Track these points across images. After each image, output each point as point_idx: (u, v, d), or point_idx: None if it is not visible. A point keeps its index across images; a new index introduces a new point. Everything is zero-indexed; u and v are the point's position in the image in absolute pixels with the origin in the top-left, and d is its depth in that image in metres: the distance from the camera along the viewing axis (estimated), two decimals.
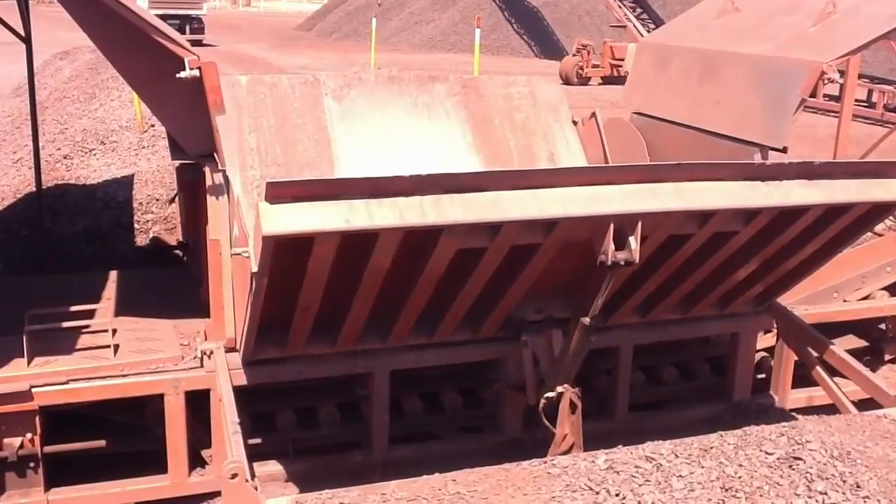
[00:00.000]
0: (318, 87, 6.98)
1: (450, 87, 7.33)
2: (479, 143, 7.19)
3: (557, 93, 7.81)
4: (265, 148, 6.55)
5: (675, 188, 4.52)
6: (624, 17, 39.52)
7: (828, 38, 5.82)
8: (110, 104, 16.93)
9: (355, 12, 57.84)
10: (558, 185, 4.36)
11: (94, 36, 6.09)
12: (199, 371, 5.49)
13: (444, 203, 4.16)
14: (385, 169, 6.70)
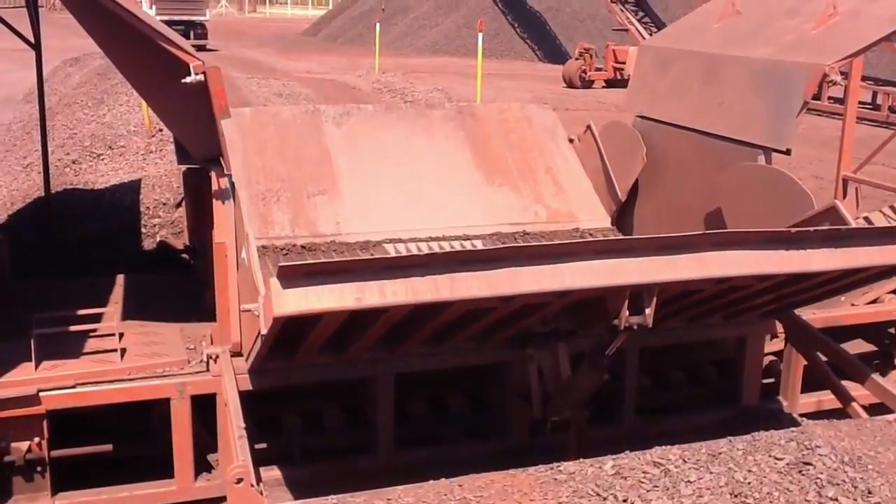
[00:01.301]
0: (318, 115, 7.25)
1: (446, 113, 7.61)
2: (478, 160, 7.35)
3: (551, 117, 7.96)
4: (270, 166, 6.75)
5: (694, 258, 4.51)
6: (626, 20, 39.56)
7: (830, 41, 5.82)
8: (118, 109, 17.02)
9: (360, 17, 57.90)
10: (575, 257, 4.34)
11: (101, 42, 6.13)
12: (205, 375, 5.50)
13: (459, 280, 4.16)
14: (385, 186, 6.95)
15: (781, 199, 5.56)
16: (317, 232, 6.73)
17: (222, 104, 4.88)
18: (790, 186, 5.54)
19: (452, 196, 7.20)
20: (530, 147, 7.54)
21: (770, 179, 5.71)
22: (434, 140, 7.39)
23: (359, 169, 7.04)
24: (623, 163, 7.31)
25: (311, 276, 3.94)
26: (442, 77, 30.40)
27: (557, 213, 7.40)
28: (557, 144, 7.69)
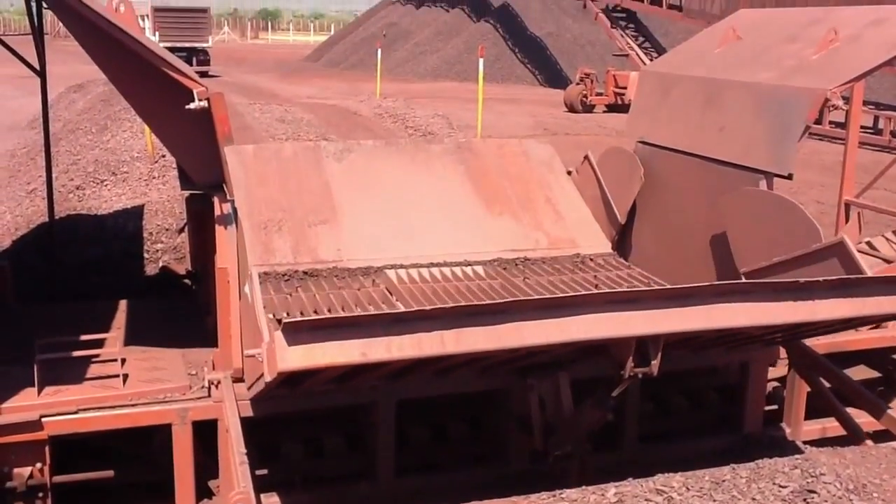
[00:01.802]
0: (319, 151, 7.36)
1: (445, 148, 7.73)
2: (478, 191, 7.42)
3: (549, 151, 8.05)
4: (271, 198, 6.80)
5: (701, 309, 4.50)
6: (626, 45, 39.78)
7: (831, 66, 5.84)
8: (122, 135, 17.11)
9: (362, 43, 58.25)
10: (582, 309, 4.34)
11: (105, 68, 6.17)
12: (206, 401, 5.50)
13: (465, 334, 4.17)
14: (386, 215, 7.00)
15: (788, 229, 5.54)
16: (318, 258, 6.75)
17: (226, 130, 4.91)
18: (798, 217, 5.52)
19: (453, 224, 7.24)
20: (529, 179, 7.61)
21: (777, 208, 5.69)
22: (433, 173, 7.48)
23: (359, 200, 7.13)
24: (622, 186, 7.36)
25: (315, 332, 3.94)
26: (443, 102, 30.52)
27: (558, 240, 7.42)
28: (556, 176, 7.76)
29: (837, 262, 5.20)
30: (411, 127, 22.66)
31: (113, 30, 4.58)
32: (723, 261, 6.22)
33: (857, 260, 5.14)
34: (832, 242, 5.28)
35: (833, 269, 5.21)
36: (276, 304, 6.18)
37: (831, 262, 5.23)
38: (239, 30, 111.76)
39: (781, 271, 5.56)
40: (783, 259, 5.51)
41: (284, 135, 19.79)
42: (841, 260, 5.18)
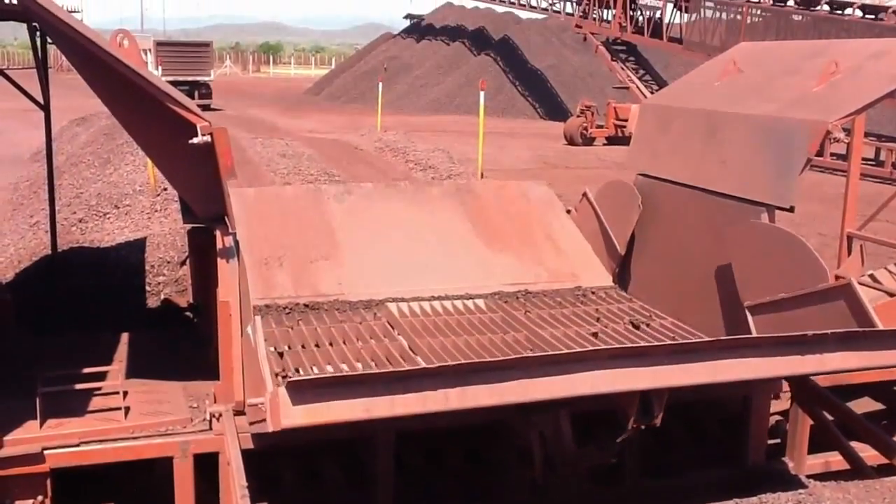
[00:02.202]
0: (320, 193, 7.55)
1: (445, 189, 7.93)
2: (478, 229, 7.53)
3: (548, 192, 8.19)
4: (272, 236, 6.94)
5: (708, 364, 4.50)
6: (627, 78, 40.01)
7: (832, 98, 5.85)
8: (124, 169, 17.19)
9: (362, 77, 58.56)
10: (587, 365, 4.35)
11: (109, 103, 6.21)
12: (207, 434, 5.49)
13: (469, 391, 4.18)
14: (387, 252, 7.11)
15: (794, 265, 5.51)
16: (319, 292, 6.79)
17: (228, 164, 4.92)
18: (806, 255, 5.50)
19: (453, 259, 7.30)
20: (529, 218, 7.72)
21: (785, 243, 5.66)
22: (433, 213, 7.59)
23: (360, 237, 7.19)
24: (620, 217, 7.41)
25: (319, 391, 3.97)
26: (443, 135, 30.65)
27: (559, 274, 7.45)
28: (556, 215, 7.87)
29: (844, 304, 5.16)
30: (412, 161, 22.73)
31: (117, 64, 4.60)
32: (725, 293, 6.21)
33: (865, 303, 5.09)
34: (840, 284, 5.25)
35: (839, 311, 5.18)
36: (277, 337, 6.18)
37: (838, 303, 5.19)
38: (241, 63, 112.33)
39: (786, 308, 5.54)
40: (789, 296, 5.49)
41: (286, 169, 19.86)
42: (848, 302, 5.14)
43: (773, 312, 5.67)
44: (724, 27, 35.38)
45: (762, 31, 32.88)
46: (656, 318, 6.73)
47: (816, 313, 5.34)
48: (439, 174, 20.39)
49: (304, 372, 5.64)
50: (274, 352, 5.96)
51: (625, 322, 6.66)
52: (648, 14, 40.37)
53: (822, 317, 5.29)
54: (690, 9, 37.64)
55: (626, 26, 40.85)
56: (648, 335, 6.38)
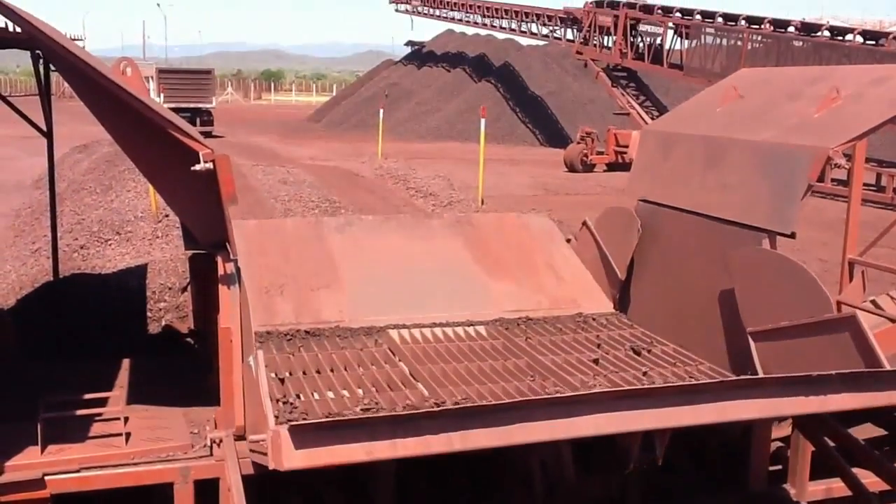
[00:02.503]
0: (320, 225, 7.66)
1: (444, 221, 8.02)
2: (478, 259, 7.59)
3: (548, 223, 8.31)
4: (273, 266, 7.02)
5: (712, 406, 4.50)
6: (627, 104, 40.18)
7: (833, 124, 5.86)
8: (126, 195, 17.26)
9: (363, 104, 58.80)
10: (591, 407, 4.31)
11: (112, 130, 6.23)
12: (208, 459, 5.48)
13: (471, 434, 4.19)
14: (388, 281, 7.16)
15: (798, 294, 5.49)
16: (320, 319, 6.81)
17: (230, 191, 4.94)
18: (810, 285, 5.46)
19: (454, 287, 7.34)
20: (529, 248, 7.78)
21: (787, 272, 5.62)
22: (433, 244, 7.66)
23: (361, 267, 7.26)
24: (620, 242, 7.44)
25: (321, 435, 3.97)
26: (444, 162, 30.73)
27: (560, 301, 7.47)
28: (556, 245, 7.93)
29: (848, 336, 5.14)
30: (412, 187, 22.80)
31: (120, 92, 4.63)
32: (726, 319, 6.20)
33: (869, 337, 5.06)
34: (844, 315, 5.24)
35: (842, 343, 5.16)
36: (278, 363, 6.18)
37: (842, 335, 5.18)
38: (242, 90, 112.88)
39: (789, 336, 5.53)
40: (792, 324, 5.49)
41: (287, 196, 19.92)
42: (852, 335, 5.13)
43: (775, 340, 5.65)
44: (724, 53, 35.58)
45: (763, 57, 33.04)
46: (657, 345, 6.72)
47: (819, 344, 5.32)
48: (440, 201, 20.43)
49: (304, 398, 5.64)
50: (275, 377, 5.96)
51: (626, 348, 6.66)
52: (649, 40, 40.58)
53: (825, 348, 5.27)
54: (691, 35, 37.85)
55: (626, 53, 41.06)
56: (649, 361, 6.37)
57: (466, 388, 5.80)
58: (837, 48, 30.70)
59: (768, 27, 34.43)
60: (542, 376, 6.04)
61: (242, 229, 6.83)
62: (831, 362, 5.23)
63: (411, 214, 8.67)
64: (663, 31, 39.51)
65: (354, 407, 5.41)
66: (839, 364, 5.16)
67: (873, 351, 5.03)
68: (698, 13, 37.96)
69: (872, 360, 5.04)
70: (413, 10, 61.95)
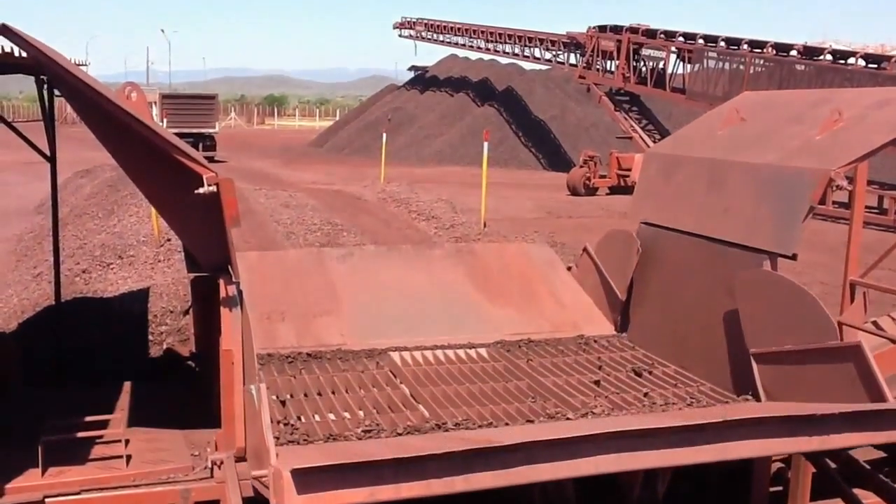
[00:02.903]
0: (322, 255, 7.78)
1: (446, 251, 8.13)
2: (480, 286, 7.67)
3: (549, 252, 8.39)
4: (275, 293, 7.11)
5: (714, 446, 4.49)
6: (630, 128, 40.32)
7: (835, 146, 5.87)
8: (128, 220, 17.31)
9: (366, 128, 59.00)
10: (595, 448, 4.32)
11: (115, 154, 6.27)
12: (209, 481, 5.47)
13: (475, 476, 4.20)
14: (389, 307, 7.23)
15: (802, 320, 5.47)
16: (322, 342, 6.84)
17: (233, 214, 4.96)
18: (815, 311, 5.43)
19: (455, 312, 7.40)
20: (530, 276, 7.85)
21: (793, 297, 5.58)
22: (434, 273, 7.73)
23: (362, 294, 7.33)
24: (620, 264, 7.49)
25: (324, 478, 3.98)
26: (447, 187, 30.80)
27: (561, 324, 7.52)
28: (557, 273, 8.00)
29: (853, 365, 5.13)
30: (414, 211, 22.84)
31: (124, 116, 4.66)
32: (727, 340, 6.19)
33: (874, 367, 5.04)
34: (849, 344, 5.21)
35: (846, 372, 5.12)
36: (279, 385, 6.19)
37: (846, 365, 5.17)
38: (246, 115, 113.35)
39: (792, 361, 5.51)
40: (796, 349, 5.48)
41: (289, 219, 19.97)
42: (856, 364, 5.12)
43: (778, 363, 5.64)
44: (726, 77, 35.70)
45: (766, 81, 33.15)
46: (659, 366, 6.72)
47: (823, 370, 5.30)
48: (442, 224, 20.46)
49: (305, 419, 5.64)
50: (276, 399, 5.96)
51: (627, 370, 6.66)
52: (651, 65, 40.74)
53: (829, 375, 5.25)
54: (693, 59, 38.00)
55: (629, 77, 41.21)
56: (650, 382, 6.37)
57: (468, 409, 5.80)
58: (840, 72, 30.81)
59: (771, 51, 34.57)
60: (542, 398, 6.04)
61: (244, 260, 6.88)
62: (834, 390, 5.22)
63: (412, 245, 8.87)
64: (666, 56, 39.67)
65: (356, 429, 5.41)
66: (842, 393, 5.16)
67: (877, 382, 5.00)
68: (701, 37, 38.13)
69: (876, 392, 5.02)
70: (417, 36, 62.30)
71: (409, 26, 63.19)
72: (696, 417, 4.47)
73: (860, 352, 5.08)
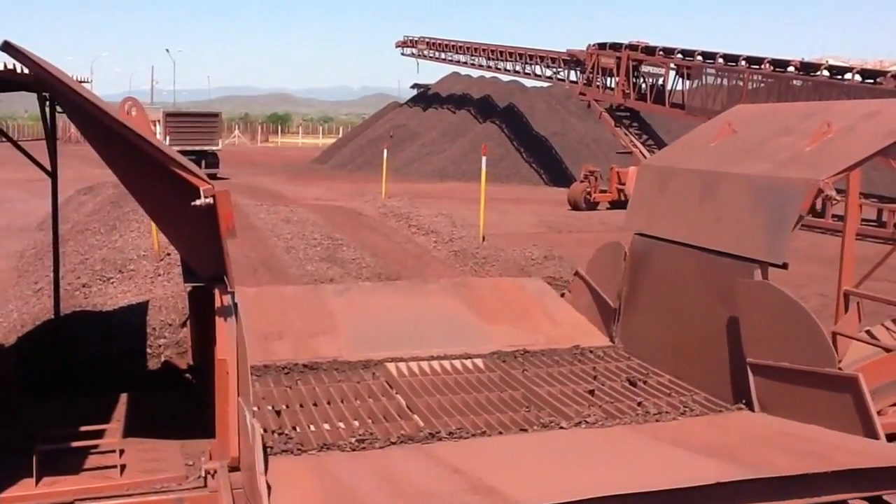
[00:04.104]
0: (320, 290, 8.09)
1: (442, 285, 8.43)
2: (476, 311, 7.87)
3: (543, 284, 8.68)
4: (273, 320, 7.33)
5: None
6: (630, 143, 40.41)
7: (824, 157, 5.93)
8: (129, 235, 17.36)
9: (368, 145, 59.09)
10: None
11: (115, 168, 6.33)
12: (202, 490, 5.48)
13: None
14: (385, 327, 7.45)
15: (801, 342, 5.47)
16: (319, 355, 6.90)
17: (229, 225, 5.01)
18: (814, 336, 5.43)
19: (452, 327, 7.58)
20: (525, 302, 8.10)
21: (796, 319, 5.56)
22: (431, 303, 8.01)
23: (359, 319, 7.54)
24: (610, 273, 7.75)
25: None
26: (448, 202, 30.83)
27: (557, 337, 7.61)
28: (551, 299, 8.28)
29: (849, 397, 5.12)
30: (414, 225, 22.87)
31: (124, 130, 4.72)
32: (722, 349, 6.23)
33: (869, 402, 5.03)
34: (848, 375, 5.20)
35: (842, 402, 5.16)
36: (275, 396, 6.23)
37: (842, 395, 5.17)
38: (250, 133, 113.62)
39: (789, 379, 5.54)
40: (794, 368, 5.49)
41: (289, 234, 20.00)
42: (853, 396, 5.12)
43: (775, 378, 5.67)
44: (725, 93, 35.79)
45: (764, 97, 33.23)
46: (654, 376, 6.76)
47: (819, 396, 5.32)
48: (441, 238, 20.48)
49: (301, 430, 5.67)
50: (272, 410, 6.00)
51: (622, 379, 6.70)
52: (651, 81, 40.86)
53: (824, 401, 5.27)
54: (692, 75, 38.12)
55: (629, 93, 41.32)
56: (645, 392, 6.41)
57: (462, 419, 5.83)
58: (837, 87, 30.88)
59: (768, 67, 34.67)
60: (537, 407, 6.08)
61: (242, 295, 7.05)
62: (828, 417, 5.27)
63: (409, 280, 9.26)
64: (665, 72, 39.77)
65: (349, 438, 5.45)
66: (836, 421, 5.21)
67: (871, 418, 5.03)
68: (699, 54, 38.24)
69: (870, 428, 5.04)
70: (419, 54, 62.47)
71: (411, 45, 63.36)
72: (687, 478, 4.45)
73: (857, 386, 5.10)
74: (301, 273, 15.01)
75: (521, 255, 17.88)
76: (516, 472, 4.94)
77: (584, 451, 5.32)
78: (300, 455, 5.32)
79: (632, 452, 5.28)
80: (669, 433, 5.57)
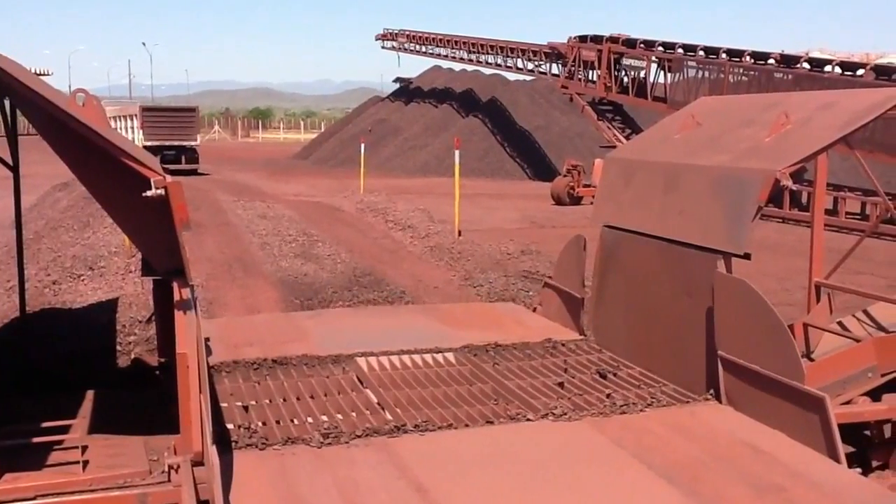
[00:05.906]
0: (291, 317, 8.26)
1: (413, 308, 8.84)
2: (448, 324, 8.07)
3: (516, 306, 9.00)
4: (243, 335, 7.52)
5: None
6: (614, 137, 40.49)
7: (782, 148, 5.98)
8: (102, 231, 17.27)
9: (350, 140, 59.02)
10: None
11: (69, 163, 6.27)
12: (166, 486, 5.44)
13: None
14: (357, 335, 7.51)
15: (770, 350, 5.48)
16: (288, 352, 6.89)
17: (183, 218, 4.96)
18: (784, 347, 5.42)
19: (423, 331, 7.73)
20: (501, 319, 8.29)
21: (769, 327, 5.53)
22: (401, 320, 8.25)
23: (330, 333, 7.70)
24: (574, 265, 7.87)
25: None
26: (429, 197, 30.80)
27: (528, 332, 7.65)
28: (525, 315, 8.59)
29: (816, 417, 5.11)
30: (391, 220, 22.85)
31: (69, 120, 4.66)
32: (689, 341, 6.26)
33: (833, 425, 5.02)
34: (815, 395, 5.18)
35: (807, 419, 5.17)
36: (243, 391, 6.20)
37: (808, 414, 5.16)
38: (230, 128, 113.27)
39: (757, 383, 5.54)
40: (764, 373, 5.50)
41: (265, 230, 19.96)
42: (819, 416, 5.10)
43: (743, 378, 5.67)
44: (706, 86, 35.92)
45: (745, 90, 33.37)
46: (624, 368, 6.77)
47: (785, 407, 5.32)
48: (417, 233, 20.46)
49: (268, 425, 5.64)
50: (240, 406, 5.97)
51: (592, 372, 6.70)
52: (633, 74, 40.97)
53: (790, 414, 5.28)
54: (674, 68, 38.25)
55: (611, 86, 41.43)
56: (614, 384, 6.41)
57: (430, 412, 5.82)
58: (817, 79, 31.02)
59: (749, 60, 34.79)
60: (506, 400, 6.07)
61: (211, 325, 7.19)
62: (793, 430, 5.27)
63: (380, 306, 9.80)
64: (647, 65, 39.88)
65: (314, 432, 5.43)
66: (799, 434, 5.21)
67: (835, 441, 5.02)
68: (680, 46, 38.35)
69: (833, 450, 5.04)
70: (399, 48, 62.43)
71: (392, 38, 63.32)
72: None
73: (824, 408, 5.11)
74: (275, 269, 14.97)
75: (496, 249, 17.89)
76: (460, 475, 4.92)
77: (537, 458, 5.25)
78: (264, 449, 5.30)
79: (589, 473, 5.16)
80: (635, 428, 5.53)
